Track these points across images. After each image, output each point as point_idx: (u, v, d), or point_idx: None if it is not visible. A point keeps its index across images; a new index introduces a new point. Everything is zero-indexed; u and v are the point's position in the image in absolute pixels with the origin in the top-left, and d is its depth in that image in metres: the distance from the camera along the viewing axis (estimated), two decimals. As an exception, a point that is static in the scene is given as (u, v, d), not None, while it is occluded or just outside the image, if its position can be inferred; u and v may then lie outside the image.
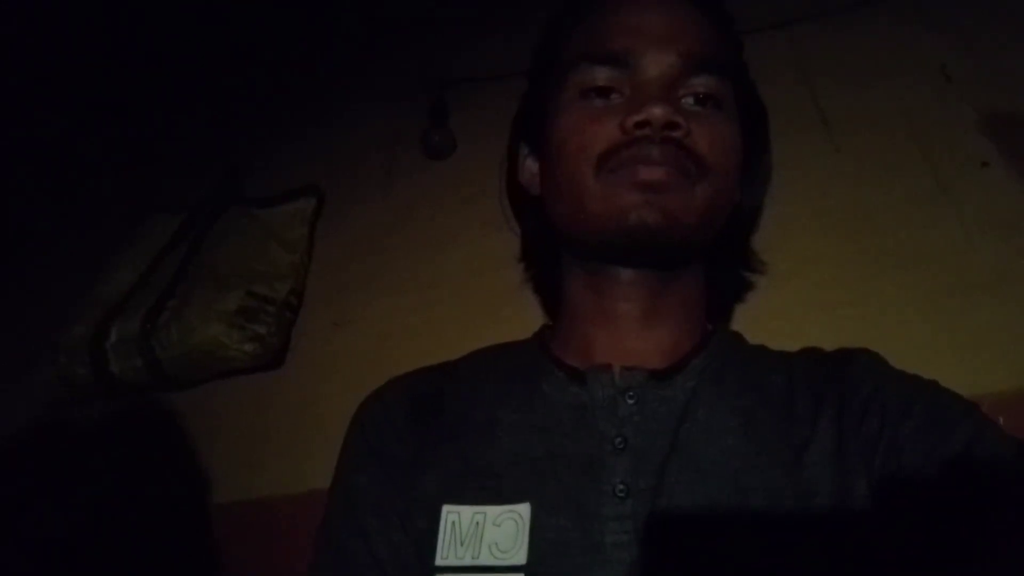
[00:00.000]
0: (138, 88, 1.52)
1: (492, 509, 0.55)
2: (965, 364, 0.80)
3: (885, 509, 0.50)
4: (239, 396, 1.09)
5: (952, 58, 1.00)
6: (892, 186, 0.95)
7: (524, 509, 0.54)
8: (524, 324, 0.77)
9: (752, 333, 0.71)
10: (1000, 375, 0.78)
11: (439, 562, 0.54)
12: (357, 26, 1.46)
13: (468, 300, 1.07)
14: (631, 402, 0.57)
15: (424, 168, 1.23)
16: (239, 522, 0.97)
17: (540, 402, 0.60)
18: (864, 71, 1.04)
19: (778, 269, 0.86)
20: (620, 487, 0.54)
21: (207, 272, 1.15)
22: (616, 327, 0.63)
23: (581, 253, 0.66)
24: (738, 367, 0.62)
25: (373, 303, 1.13)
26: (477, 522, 0.55)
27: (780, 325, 0.83)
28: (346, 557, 0.58)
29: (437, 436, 0.61)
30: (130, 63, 1.51)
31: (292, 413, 1.06)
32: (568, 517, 0.53)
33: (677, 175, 0.57)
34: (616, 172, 0.58)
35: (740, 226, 0.73)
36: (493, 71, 1.22)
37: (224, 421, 1.07)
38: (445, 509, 0.56)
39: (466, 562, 0.54)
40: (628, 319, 0.63)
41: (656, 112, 0.56)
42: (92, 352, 1.08)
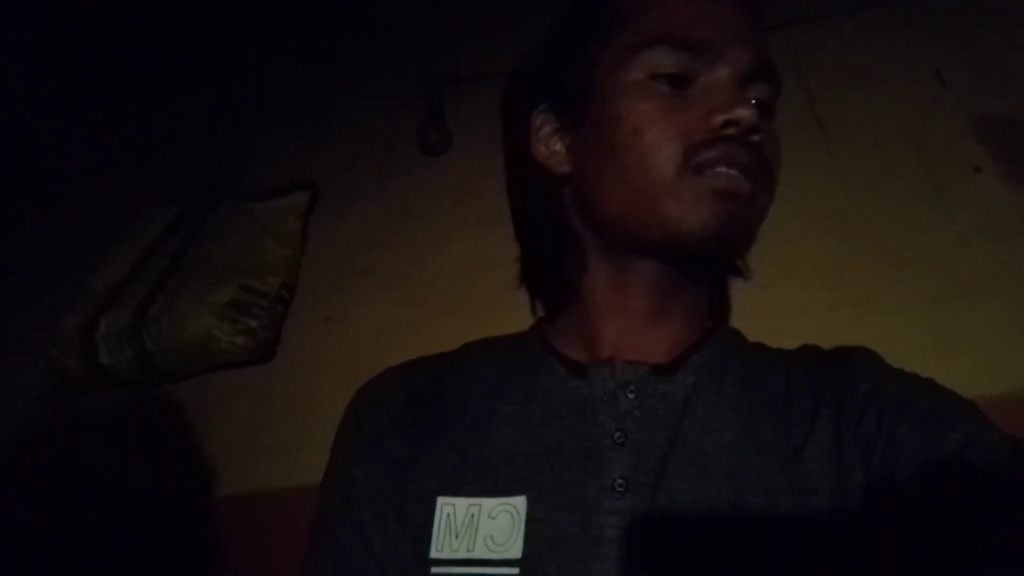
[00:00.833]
0: (133, 83, 1.51)
1: (487, 502, 0.55)
2: (958, 366, 0.81)
3: (883, 507, 0.49)
4: (230, 390, 1.08)
5: (947, 63, 1.01)
6: (886, 189, 0.96)
7: (520, 502, 0.54)
8: (519, 320, 0.76)
9: (747, 332, 0.71)
10: (992, 377, 0.79)
11: (434, 554, 0.53)
12: (355, 23, 1.46)
13: (462, 296, 1.06)
14: (632, 396, 0.57)
15: (420, 164, 1.23)
16: (231, 515, 0.96)
17: (539, 395, 0.60)
18: (860, 75, 1.05)
19: (772, 270, 0.86)
20: (619, 481, 0.53)
21: (199, 265, 1.14)
22: (625, 321, 0.62)
23: (616, 245, 0.62)
24: (738, 364, 0.61)
25: (366, 298, 1.13)
26: (472, 515, 0.54)
27: (774, 325, 0.82)
28: (341, 550, 0.57)
29: (433, 428, 0.60)
30: (126, 59, 1.50)
31: (284, 407, 1.05)
32: (566, 511, 0.53)
33: (756, 184, 0.55)
34: (702, 173, 0.55)
35: None
36: (490, 69, 1.21)
37: (215, 415, 1.06)
38: (440, 501, 0.55)
39: (461, 555, 0.53)
40: (639, 314, 0.62)
41: (745, 114, 0.54)
42: (82, 344, 1.07)
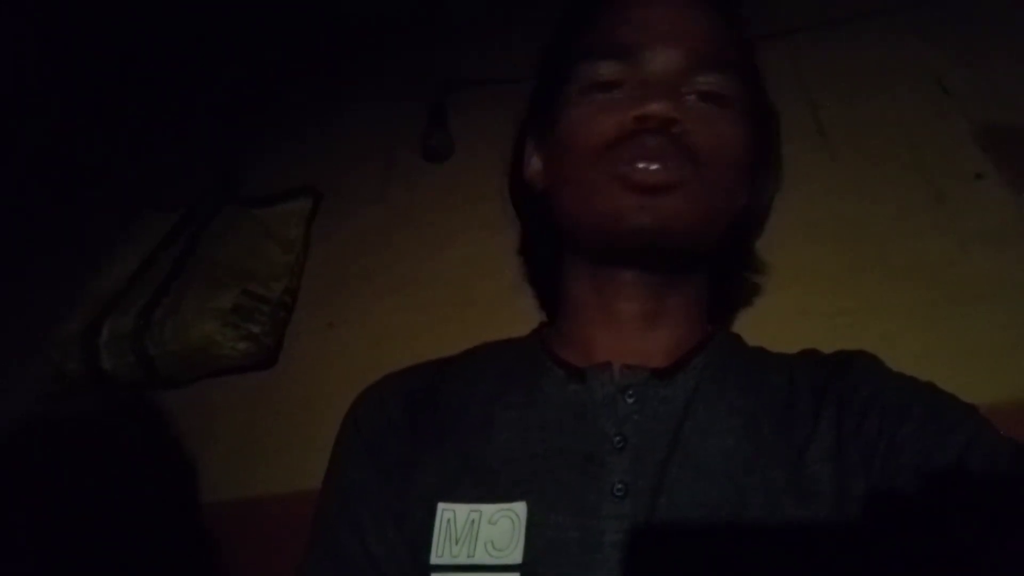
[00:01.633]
0: (136, 87, 1.51)
1: (488, 507, 0.54)
2: (959, 374, 0.79)
3: (885, 510, 0.49)
4: (232, 395, 1.08)
5: (949, 71, 1.01)
6: (888, 196, 0.96)
7: (520, 507, 0.54)
8: (521, 326, 0.76)
9: (748, 339, 0.71)
10: (994, 386, 0.78)
11: (434, 560, 0.53)
12: (358, 28, 1.47)
13: (464, 303, 1.07)
14: (631, 400, 0.57)
15: (422, 170, 1.23)
16: (232, 521, 0.96)
17: (539, 399, 0.60)
18: (862, 83, 1.05)
19: (774, 277, 0.86)
20: (619, 486, 0.53)
21: (202, 270, 1.14)
22: (617, 326, 0.63)
23: (584, 251, 0.65)
24: (739, 367, 0.61)
25: (368, 304, 1.13)
26: (472, 520, 0.54)
27: (775, 332, 0.82)
28: (340, 555, 0.57)
29: (433, 433, 0.60)
30: (128, 62, 1.51)
31: (285, 413, 1.05)
32: (566, 516, 0.53)
33: (675, 173, 0.56)
34: (614, 167, 0.57)
35: (746, 229, 0.73)
36: (493, 74, 1.22)
37: (217, 420, 1.06)
38: (440, 506, 0.55)
39: (461, 560, 0.53)
40: (630, 319, 0.63)
41: (655, 107, 0.56)
42: (84, 348, 1.07)
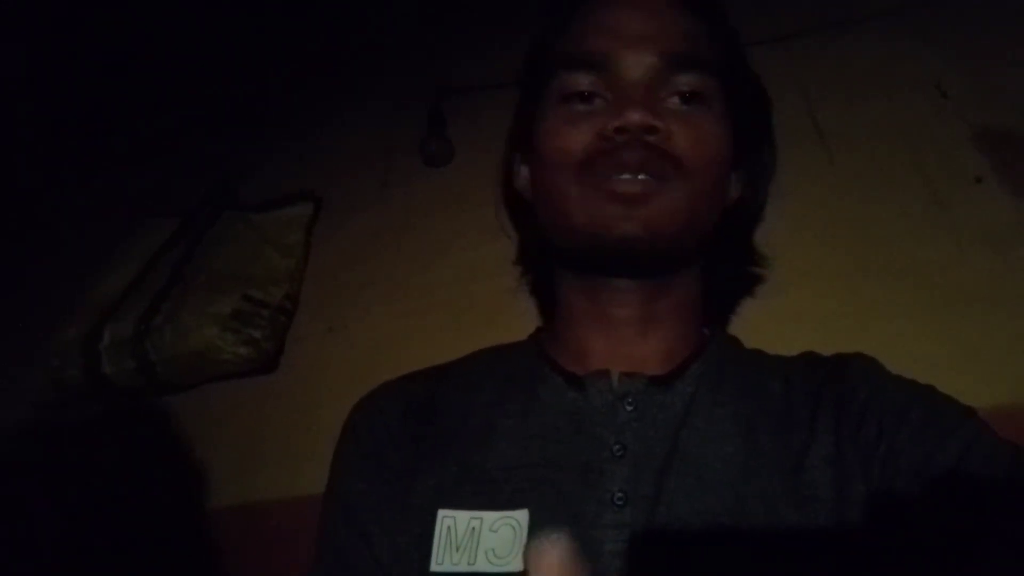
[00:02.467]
0: (136, 92, 1.51)
1: (489, 515, 0.54)
2: (958, 377, 0.79)
3: (884, 515, 0.49)
4: (233, 400, 1.08)
5: (948, 75, 1.01)
6: (887, 199, 0.96)
7: (522, 516, 0.54)
8: (519, 331, 0.76)
9: (747, 342, 0.71)
10: (992, 389, 0.78)
11: (434, 567, 0.53)
12: (356, 34, 1.47)
13: (463, 307, 1.07)
14: (630, 409, 0.57)
15: (421, 176, 1.23)
16: (232, 526, 0.96)
17: (537, 407, 0.60)
18: (861, 86, 1.05)
19: (773, 280, 0.86)
20: (618, 495, 0.53)
21: (202, 275, 1.14)
22: (612, 332, 0.63)
23: (571, 260, 0.65)
24: (736, 373, 0.61)
25: (368, 309, 1.13)
26: (473, 528, 0.54)
27: (775, 335, 0.82)
28: (348, 564, 0.57)
29: (432, 440, 0.60)
30: (127, 67, 1.51)
31: (286, 418, 1.05)
32: (566, 524, 0.53)
33: (655, 182, 0.56)
34: (595, 180, 0.57)
35: (742, 222, 0.73)
36: (492, 80, 1.22)
37: (217, 425, 1.07)
38: (440, 514, 0.55)
39: (462, 568, 0.53)
40: (624, 324, 0.63)
41: (634, 117, 0.56)
42: (85, 354, 1.07)
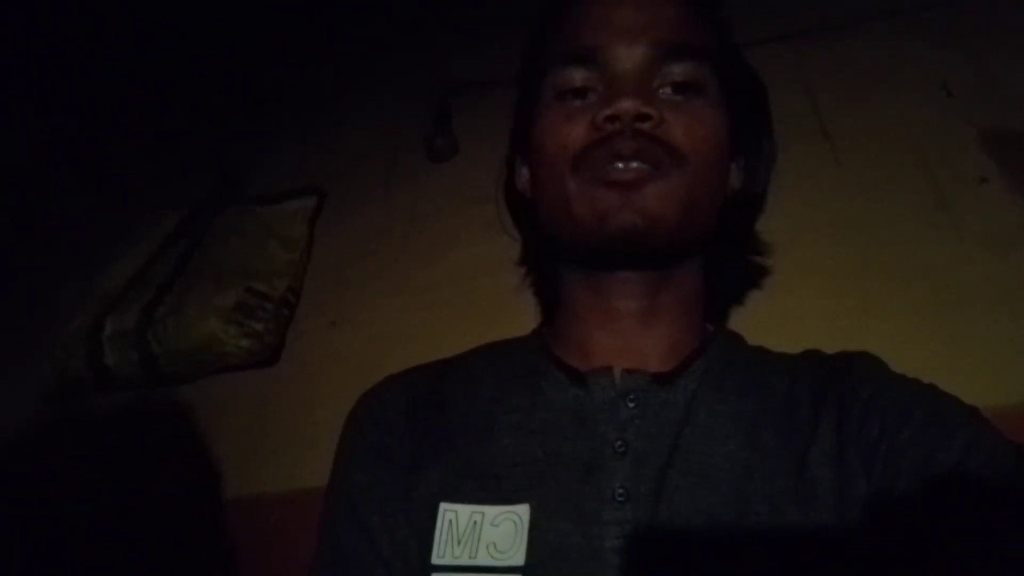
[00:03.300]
0: (140, 86, 1.51)
1: (491, 509, 0.55)
2: (961, 377, 0.79)
3: (886, 513, 0.50)
4: (235, 392, 1.08)
5: (953, 75, 1.01)
6: (892, 200, 0.96)
7: (523, 510, 0.54)
8: (523, 326, 0.76)
9: (750, 340, 0.71)
10: (997, 390, 0.78)
11: (435, 560, 0.54)
12: (362, 28, 1.47)
13: (467, 303, 1.07)
14: (632, 405, 0.57)
15: (426, 171, 1.23)
16: (235, 518, 0.96)
17: (540, 403, 0.60)
18: (866, 86, 1.05)
19: (777, 278, 0.86)
20: (620, 491, 0.53)
21: (206, 268, 1.14)
22: (615, 327, 0.63)
23: (574, 255, 0.65)
24: (739, 370, 0.61)
25: (371, 303, 1.13)
26: (475, 521, 0.55)
27: (778, 334, 0.83)
28: (349, 556, 0.57)
29: (435, 434, 0.61)
30: (132, 62, 1.51)
31: (288, 411, 1.05)
32: (568, 520, 0.53)
33: (650, 170, 0.56)
34: (590, 171, 0.57)
35: (743, 212, 0.72)
36: (497, 75, 1.21)
37: (219, 417, 1.07)
38: (442, 507, 0.55)
39: (463, 561, 0.53)
40: (627, 318, 0.63)
41: (625, 105, 0.56)
42: (88, 345, 1.07)
